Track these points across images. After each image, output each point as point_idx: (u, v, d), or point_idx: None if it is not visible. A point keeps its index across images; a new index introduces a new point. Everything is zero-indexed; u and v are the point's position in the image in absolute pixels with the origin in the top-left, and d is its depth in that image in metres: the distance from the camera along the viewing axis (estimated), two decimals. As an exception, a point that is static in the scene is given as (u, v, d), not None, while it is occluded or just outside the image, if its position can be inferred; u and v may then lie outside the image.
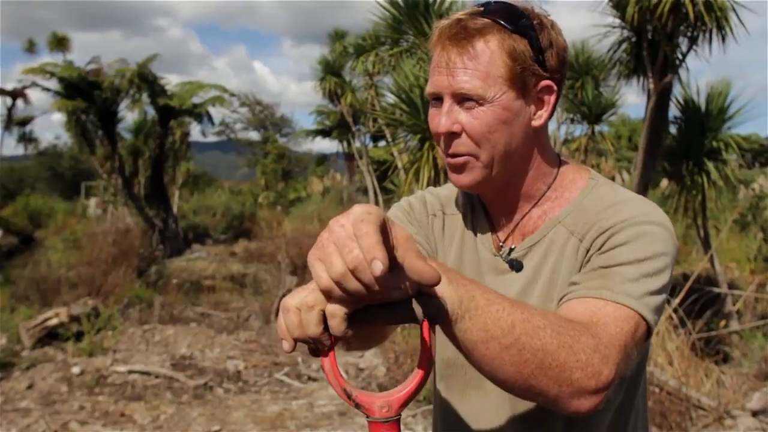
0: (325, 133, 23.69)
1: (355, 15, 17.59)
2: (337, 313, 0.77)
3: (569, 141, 11.49)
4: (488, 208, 1.29)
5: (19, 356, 6.95)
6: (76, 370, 6.39)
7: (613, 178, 17.45)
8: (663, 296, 1.07)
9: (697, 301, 6.67)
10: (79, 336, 7.30)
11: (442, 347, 1.26)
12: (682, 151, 8.99)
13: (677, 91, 8.90)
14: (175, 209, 18.01)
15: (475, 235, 1.29)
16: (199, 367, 6.78)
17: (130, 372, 6.44)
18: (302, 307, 0.78)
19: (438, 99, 1.16)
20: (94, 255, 11.57)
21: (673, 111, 9.04)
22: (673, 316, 6.08)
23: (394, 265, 0.76)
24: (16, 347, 7.18)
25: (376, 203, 14.35)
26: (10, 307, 8.70)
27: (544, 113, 1.17)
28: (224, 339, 7.66)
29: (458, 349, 0.90)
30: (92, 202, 21.62)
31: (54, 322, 7.41)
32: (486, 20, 1.12)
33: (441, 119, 1.14)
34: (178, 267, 13.98)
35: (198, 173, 26.21)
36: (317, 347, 0.80)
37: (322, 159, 31.78)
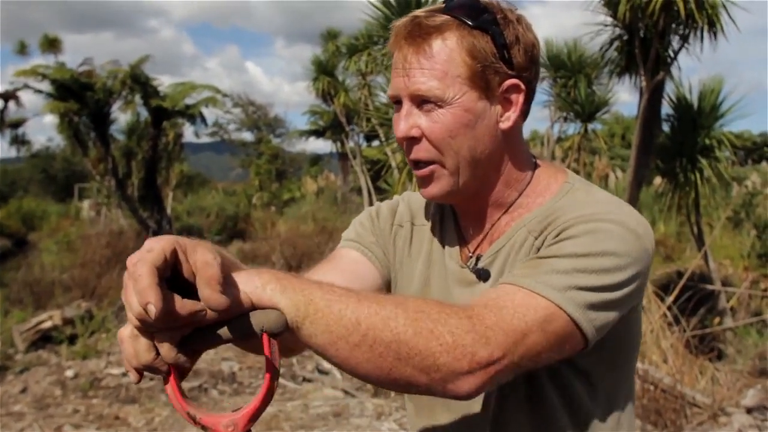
0: (318, 133, 23.66)
1: (348, 15, 17.58)
2: (163, 341, 0.77)
3: (562, 139, 11.53)
4: (458, 217, 1.23)
5: (12, 360, 6.93)
6: (69, 373, 6.37)
7: (606, 176, 17.52)
8: (603, 296, 0.98)
9: (691, 298, 6.69)
10: (72, 339, 7.27)
11: None
12: (675, 149, 9.01)
13: (670, 89, 8.94)
14: (169, 211, 17.95)
15: (443, 246, 1.24)
16: (193, 369, 6.75)
17: (124, 375, 6.42)
18: (132, 336, 0.79)
19: (399, 102, 1.10)
20: (88, 257, 11.54)
21: (666, 109, 9.08)
22: (667, 313, 6.10)
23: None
24: (9, 351, 7.15)
25: (370, 203, 14.34)
26: (4, 311, 8.66)
27: (512, 114, 1.10)
28: (219, 340, 7.64)
29: (316, 353, 0.88)
30: (85, 204, 21.54)
31: (47, 325, 7.39)
32: (445, 17, 1.07)
33: (400, 124, 1.09)
34: (173, 269, 13.94)
35: (192, 174, 26.15)
36: (155, 374, 0.80)
37: (316, 159, 31.76)
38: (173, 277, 0.77)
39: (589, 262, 0.98)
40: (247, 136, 32.09)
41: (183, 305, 0.76)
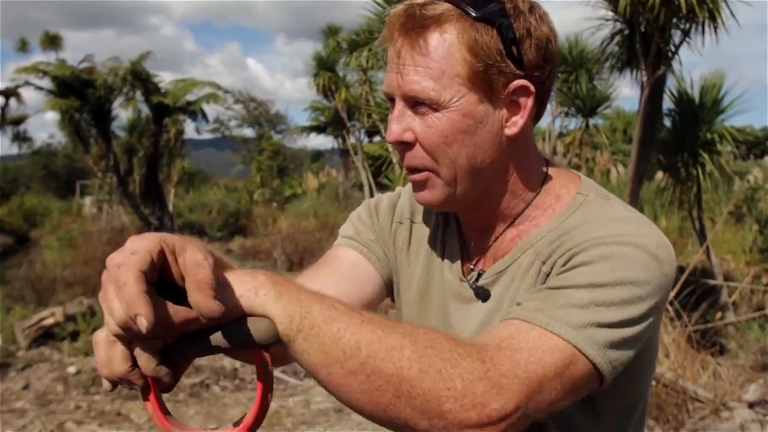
0: (319, 129, 23.65)
1: (348, 10, 17.56)
2: (143, 350, 0.68)
3: (564, 134, 11.52)
4: (461, 223, 1.11)
5: (14, 356, 6.94)
6: (72, 369, 6.37)
7: (608, 171, 17.48)
8: (623, 333, 0.86)
9: (693, 293, 6.67)
10: (74, 335, 7.28)
11: None
12: (676, 144, 8.99)
13: (671, 84, 8.91)
14: (170, 207, 17.97)
15: (444, 254, 1.12)
16: (195, 365, 6.76)
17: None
18: (108, 341, 0.69)
19: (393, 100, 0.98)
20: (90, 254, 11.55)
21: (667, 103, 9.05)
22: (669, 308, 6.09)
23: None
24: (11, 347, 7.17)
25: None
26: (6, 307, 8.68)
27: (519, 120, 0.96)
28: (220, 337, 7.65)
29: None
30: (87, 200, 21.56)
31: (49, 321, 7.40)
32: (446, 6, 0.93)
33: (392, 126, 0.97)
34: (174, 265, 13.95)
35: (193, 171, 26.18)
36: (130, 387, 0.70)
37: (317, 155, 31.75)
38: (159, 278, 0.69)
39: (606, 294, 0.86)
40: (249, 132, 32.19)
41: (176, 313, 0.68)
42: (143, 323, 0.63)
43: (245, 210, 20.89)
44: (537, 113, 1.00)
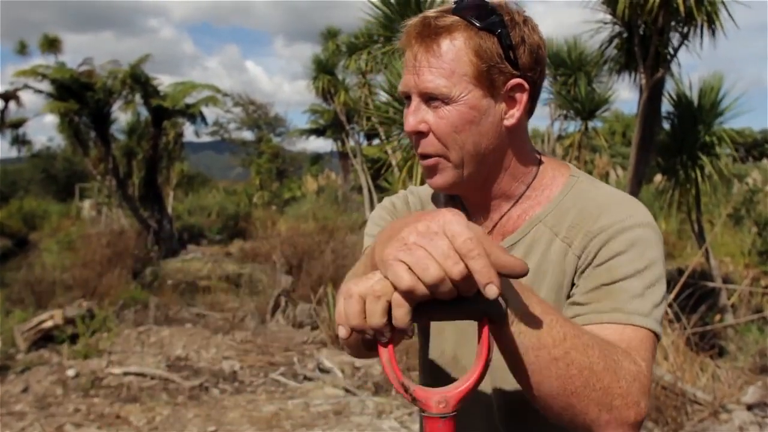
0: (319, 132, 23.69)
1: (347, 13, 17.56)
2: (404, 304, 0.76)
3: (563, 137, 11.53)
4: (467, 208, 1.26)
5: (13, 359, 6.93)
6: (71, 372, 6.37)
7: (607, 174, 17.50)
8: (665, 303, 1.07)
9: (692, 295, 6.69)
10: (74, 338, 7.27)
11: (432, 347, 1.26)
12: (675, 146, 9.01)
13: (670, 86, 8.94)
14: (169, 210, 17.96)
15: None
16: (194, 368, 6.77)
17: (126, 374, 6.43)
18: (368, 295, 0.78)
19: (409, 98, 1.15)
20: (89, 257, 11.55)
21: (666, 106, 9.07)
22: (668, 310, 6.09)
23: None
24: (10, 350, 7.16)
25: (371, 201, 14.34)
26: (5, 310, 8.67)
27: (516, 112, 1.14)
28: (220, 339, 7.64)
29: (504, 354, 0.89)
30: (86, 203, 21.56)
31: (49, 324, 7.39)
32: (454, 18, 1.10)
33: (409, 118, 1.14)
34: (173, 268, 13.95)
35: (192, 174, 26.14)
36: (376, 338, 0.80)
37: (317, 158, 31.78)
38: None
39: (648, 278, 1.05)
40: (248, 135, 32.15)
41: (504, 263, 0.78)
42: (494, 291, 0.74)
43: (244, 213, 20.90)
44: (530, 108, 1.17)
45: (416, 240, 0.77)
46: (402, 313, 0.76)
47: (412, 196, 1.35)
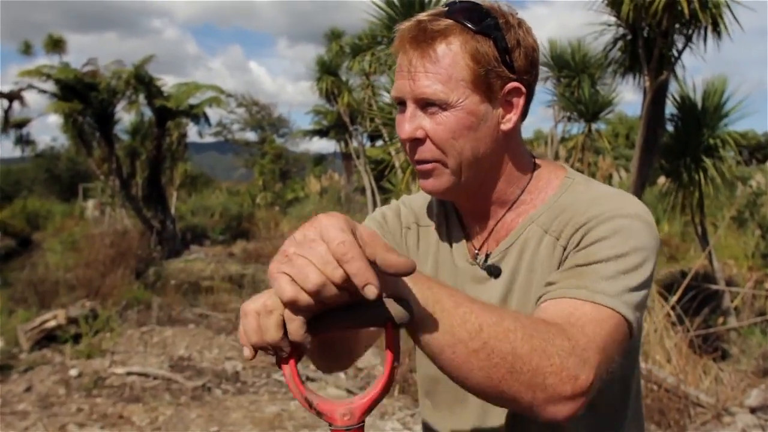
0: (322, 133, 23.68)
1: (351, 15, 17.58)
2: (294, 317, 0.74)
3: (566, 139, 11.52)
4: (462, 215, 1.25)
5: (17, 359, 6.95)
6: (74, 372, 6.38)
7: (610, 176, 17.49)
8: (644, 292, 1.03)
9: (695, 298, 6.67)
10: (77, 338, 7.28)
11: (427, 363, 1.26)
12: (679, 149, 9.00)
13: (673, 89, 8.93)
14: (172, 210, 17.97)
15: (450, 245, 1.25)
16: (197, 369, 6.77)
17: (129, 374, 6.44)
18: (261, 311, 0.76)
19: (403, 104, 1.12)
20: (92, 257, 11.55)
21: (670, 108, 9.06)
22: (671, 313, 6.09)
23: None
24: (14, 350, 7.17)
25: (374, 202, 14.35)
26: (8, 310, 8.69)
27: (513, 116, 1.13)
28: (223, 340, 7.65)
29: (425, 353, 0.87)
30: (90, 203, 21.59)
31: (52, 324, 7.40)
32: (448, 21, 1.08)
33: (404, 125, 1.10)
34: (176, 268, 13.96)
35: (195, 174, 26.19)
36: (277, 354, 0.78)
37: (320, 159, 31.76)
38: None
39: (627, 262, 1.02)
40: (251, 135, 32.15)
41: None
42: (373, 291, 0.71)
43: (247, 213, 20.92)
44: (524, 111, 1.15)
45: (296, 250, 0.75)
46: (295, 327, 0.75)
47: (404, 208, 1.32)
